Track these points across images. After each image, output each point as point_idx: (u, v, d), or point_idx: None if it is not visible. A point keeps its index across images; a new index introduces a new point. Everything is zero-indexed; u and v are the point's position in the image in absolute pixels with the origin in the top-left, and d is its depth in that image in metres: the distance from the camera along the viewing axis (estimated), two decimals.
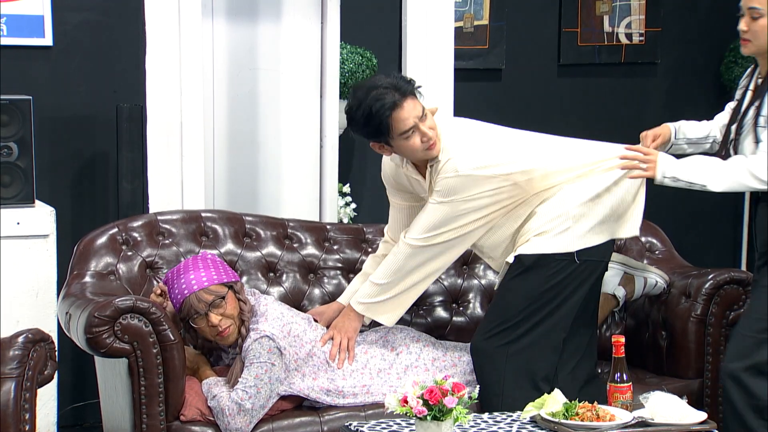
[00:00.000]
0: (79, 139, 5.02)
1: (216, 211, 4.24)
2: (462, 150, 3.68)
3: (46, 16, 4.88)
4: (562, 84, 6.28)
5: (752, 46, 3.56)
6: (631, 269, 4.07)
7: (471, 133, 3.79)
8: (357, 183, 5.65)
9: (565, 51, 6.23)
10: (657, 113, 6.46)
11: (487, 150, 3.72)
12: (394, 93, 3.63)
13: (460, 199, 3.67)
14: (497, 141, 3.79)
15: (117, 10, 4.98)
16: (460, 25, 5.94)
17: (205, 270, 3.64)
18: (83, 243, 3.96)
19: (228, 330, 3.62)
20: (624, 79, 6.33)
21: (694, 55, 6.43)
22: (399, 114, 3.62)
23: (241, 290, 3.69)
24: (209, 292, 3.61)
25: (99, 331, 3.46)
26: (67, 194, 4.99)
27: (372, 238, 4.25)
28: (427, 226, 3.71)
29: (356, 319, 3.80)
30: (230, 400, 3.53)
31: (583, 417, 3.18)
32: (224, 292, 3.63)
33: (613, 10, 6.25)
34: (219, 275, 3.64)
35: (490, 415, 3.38)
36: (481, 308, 4.22)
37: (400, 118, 3.62)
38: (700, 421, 3.24)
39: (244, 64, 5.29)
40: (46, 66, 4.94)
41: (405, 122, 3.63)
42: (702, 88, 6.42)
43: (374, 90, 3.64)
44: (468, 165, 3.65)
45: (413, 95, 3.67)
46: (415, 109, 3.65)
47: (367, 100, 3.63)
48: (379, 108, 3.61)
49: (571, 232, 3.71)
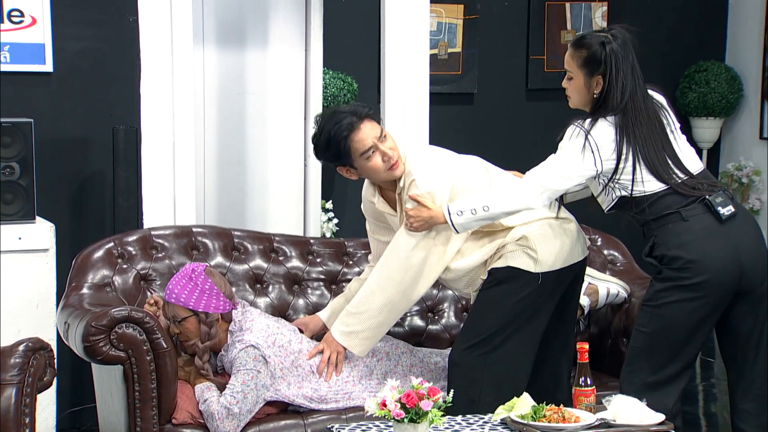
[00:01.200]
0: (77, 159, 5.00)
1: (206, 227, 4.22)
2: (424, 170, 3.63)
3: (47, 44, 4.86)
4: (530, 107, 6.29)
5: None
6: (596, 280, 4.08)
7: (435, 155, 3.75)
8: (339, 199, 5.64)
9: (532, 76, 6.25)
10: None
11: (449, 171, 3.68)
12: (352, 116, 3.60)
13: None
14: (462, 166, 3.76)
15: (113, 39, 4.97)
16: (435, 52, 5.95)
17: (181, 287, 3.63)
18: (81, 257, 3.94)
19: (186, 343, 3.65)
20: None
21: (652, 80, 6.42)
22: (357, 135, 3.59)
23: (211, 322, 3.63)
24: (171, 308, 3.63)
25: (96, 339, 3.44)
26: (66, 211, 4.97)
27: (353, 251, 4.24)
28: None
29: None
30: (219, 405, 3.51)
31: (550, 419, 3.18)
32: (184, 316, 3.62)
33: None
34: (188, 299, 3.62)
35: (464, 417, 3.37)
36: (455, 317, 4.21)
37: (358, 138, 3.60)
38: (659, 422, 3.23)
39: (233, 89, 5.29)
40: (46, 91, 4.92)
41: (363, 143, 3.60)
42: None
43: (334, 116, 3.63)
44: (430, 183, 3.61)
45: (370, 118, 3.63)
46: (373, 130, 3.62)
47: (327, 126, 3.62)
48: (336, 131, 3.59)
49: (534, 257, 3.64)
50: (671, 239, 3.45)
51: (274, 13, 5.20)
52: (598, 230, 4.41)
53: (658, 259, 3.49)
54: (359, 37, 5.74)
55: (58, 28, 4.88)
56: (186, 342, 3.65)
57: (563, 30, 6.25)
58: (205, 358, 3.65)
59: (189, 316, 3.62)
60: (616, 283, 4.08)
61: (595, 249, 4.29)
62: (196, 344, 3.63)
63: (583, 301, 4.06)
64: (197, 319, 3.62)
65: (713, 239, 3.44)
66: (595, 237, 4.35)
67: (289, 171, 5.23)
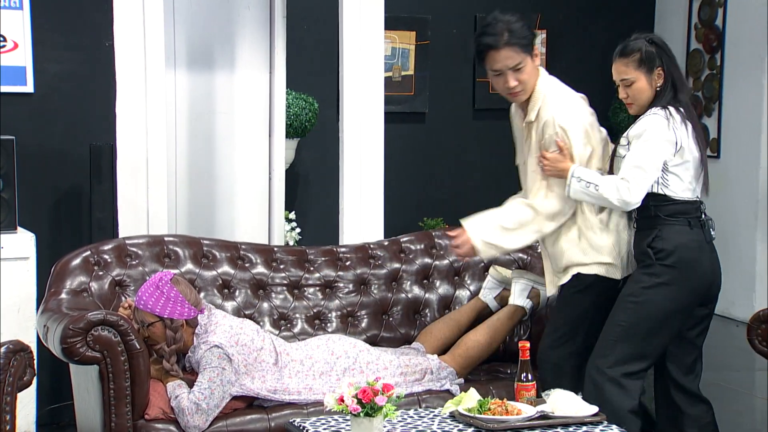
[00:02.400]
0: (56, 174, 4.97)
1: (177, 236, 4.21)
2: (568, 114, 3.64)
3: (28, 67, 4.84)
4: (476, 125, 6.34)
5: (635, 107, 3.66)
6: (538, 285, 4.11)
7: (579, 105, 3.74)
8: (301, 210, 5.65)
9: (479, 97, 6.30)
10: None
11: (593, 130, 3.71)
12: (497, 37, 3.55)
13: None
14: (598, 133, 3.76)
15: (90, 62, 4.95)
16: (389, 75, 5.98)
17: (149, 295, 3.62)
18: (59, 264, 3.92)
19: (154, 346, 3.63)
20: None
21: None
22: (493, 56, 3.57)
23: (176, 328, 3.62)
24: (139, 313, 3.62)
25: (73, 341, 3.42)
26: (46, 222, 4.93)
27: (314, 258, 4.24)
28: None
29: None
30: (189, 401, 3.50)
31: (494, 412, 3.19)
32: (151, 321, 3.61)
33: None
34: (155, 305, 3.61)
35: (416, 411, 3.38)
36: (407, 318, 4.22)
37: (493, 59, 3.58)
38: (593, 413, 3.27)
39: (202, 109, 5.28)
40: (27, 110, 4.89)
41: (494, 64, 3.59)
42: None
43: (493, 21, 3.58)
44: (571, 121, 3.62)
45: (515, 46, 3.56)
46: (509, 59, 3.57)
47: (481, 29, 3.63)
48: (479, 40, 3.59)
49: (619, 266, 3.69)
50: (675, 237, 3.53)
51: (241, 38, 5.20)
52: None
53: (656, 251, 3.54)
54: (320, 61, 5.76)
55: (38, 51, 4.86)
56: (154, 345, 3.64)
57: None
58: (172, 360, 3.64)
59: (156, 322, 3.61)
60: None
61: (536, 256, 4.33)
62: (163, 347, 3.63)
63: (526, 305, 4.10)
64: (163, 324, 3.62)
65: (704, 251, 3.58)
66: (536, 245, 4.38)
67: (255, 184, 5.22)
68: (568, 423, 3.21)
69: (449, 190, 6.32)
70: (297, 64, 5.44)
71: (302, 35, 5.64)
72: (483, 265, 4.31)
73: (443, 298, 4.27)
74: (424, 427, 3.20)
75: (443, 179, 6.32)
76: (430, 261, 4.31)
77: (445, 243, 4.31)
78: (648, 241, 3.56)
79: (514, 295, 4.08)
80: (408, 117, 6.12)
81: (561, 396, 3.29)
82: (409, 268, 4.28)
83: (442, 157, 6.29)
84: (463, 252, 3.75)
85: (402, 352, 3.93)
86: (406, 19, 6.04)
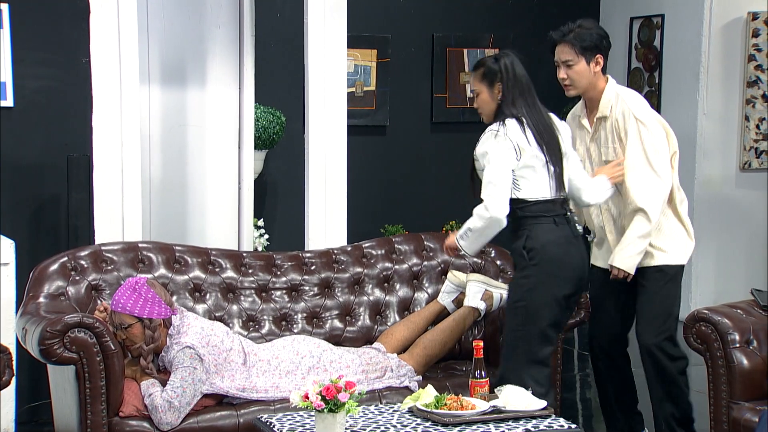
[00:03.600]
0: (35, 184, 4.90)
1: (151, 242, 4.16)
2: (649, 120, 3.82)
3: (8, 82, 4.77)
4: (434, 138, 6.36)
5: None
6: (491, 287, 4.11)
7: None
8: (269, 218, 5.62)
9: (436, 112, 6.32)
10: None
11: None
12: (564, 34, 3.78)
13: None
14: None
15: (68, 78, 4.89)
16: (352, 90, 5.97)
17: (127, 297, 3.57)
18: (38, 269, 3.86)
19: (132, 347, 3.58)
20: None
21: None
22: (556, 47, 3.81)
23: (155, 327, 3.58)
24: (117, 316, 3.56)
25: (51, 343, 3.37)
26: (26, 229, 4.86)
27: (281, 263, 4.21)
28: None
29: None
30: (162, 399, 3.46)
31: (450, 407, 3.19)
32: (130, 323, 3.56)
33: None
34: (134, 307, 3.56)
35: (376, 406, 3.37)
36: (369, 320, 4.21)
37: (556, 51, 3.81)
38: (542, 408, 3.27)
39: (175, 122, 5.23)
40: (8, 123, 4.82)
41: (556, 57, 3.81)
42: None
43: (573, 22, 3.81)
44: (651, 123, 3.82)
45: (568, 44, 3.75)
46: (563, 54, 3.77)
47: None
48: (551, 34, 3.84)
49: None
50: (542, 235, 3.60)
51: (212, 55, 5.16)
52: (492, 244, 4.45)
53: (528, 250, 3.60)
54: (286, 77, 5.74)
55: (18, 68, 4.79)
56: (131, 346, 3.58)
57: (462, 72, 6.33)
58: (149, 359, 3.59)
59: (135, 323, 3.56)
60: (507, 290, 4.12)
61: (490, 260, 4.34)
62: (141, 347, 3.58)
63: (479, 306, 4.09)
64: (142, 324, 3.57)
65: (572, 245, 3.64)
66: (489, 250, 4.38)
67: (225, 193, 5.18)
68: (519, 416, 3.22)
69: (408, 198, 6.32)
70: (265, 80, 5.41)
71: (270, 53, 5.62)
72: (440, 269, 4.31)
73: (403, 300, 4.26)
74: (384, 422, 3.19)
75: (403, 188, 6.32)
76: (391, 265, 4.30)
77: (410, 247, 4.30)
78: (521, 242, 3.64)
79: (469, 297, 4.08)
80: (370, 130, 6.11)
81: (512, 391, 3.29)
82: (370, 272, 4.26)
83: (402, 167, 6.29)
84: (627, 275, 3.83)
85: (363, 352, 3.91)
86: (367, 38, 6.04)
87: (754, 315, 3.61)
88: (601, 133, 3.85)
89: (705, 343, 3.54)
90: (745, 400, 3.46)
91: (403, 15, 6.19)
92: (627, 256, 3.74)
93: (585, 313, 3.95)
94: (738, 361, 3.47)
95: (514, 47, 6.49)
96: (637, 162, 3.74)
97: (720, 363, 3.49)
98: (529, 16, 6.52)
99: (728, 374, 3.47)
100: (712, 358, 3.52)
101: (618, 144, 3.80)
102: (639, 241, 3.73)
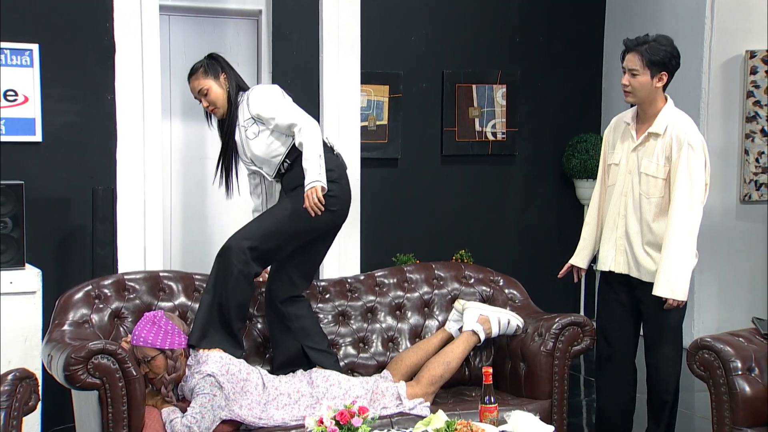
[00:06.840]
0: (61, 215, 4.93)
1: (171, 271, 4.17)
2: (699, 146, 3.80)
3: (37, 118, 4.81)
4: (444, 170, 6.37)
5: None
6: (486, 312, 4.08)
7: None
8: None
9: (446, 145, 6.33)
10: (516, 193, 6.59)
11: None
12: (635, 44, 3.79)
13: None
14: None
15: (93, 114, 4.93)
16: (365, 124, 6.00)
17: (147, 331, 3.58)
18: (63, 298, 3.87)
19: (155, 379, 3.59)
20: (491, 167, 6.45)
21: (543, 149, 6.58)
22: (627, 56, 3.82)
23: (176, 357, 3.59)
24: (140, 350, 3.56)
25: (75, 369, 3.37)
26: (52, 259, 4.88)
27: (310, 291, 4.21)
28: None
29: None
30: (182, 425, 3.45)
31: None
32: (153, 355, 3.57)
33: (482, 114, 6.38)
34: (155, 339, 3.58)
35: (391, 429, 3.35)
36: (381, 346, 4.20)
37: (626, 58, 3.82)
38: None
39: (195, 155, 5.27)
40: (36, 157, 4.86)
41: (624, 63, 3.82)
42: (548, 175, 6.56)
43: (650, 35, 3.83)
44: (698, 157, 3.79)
45: (639, 56, 3.76)
46: (631, 62, 3.79)
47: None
48: (625, 40, 3.86)
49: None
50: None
51: None
52: (500, 272, 4.45)
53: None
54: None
55: (46, 104, 4.84)
56: (155, 378, 3.59)
57: (471, 107, 6.35)
58: (170, 388, 3.59)
59: (157, 354, 3.57)
60: (506, 313, 4.08)
61: (498, 288, 4.33)
62: (164, 376, 3.58)
63: (476, 328, 4.06)
64: (164, 356, 3.58)
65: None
66: (498, 278, 4.38)
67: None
68: None
69: (419, 228, 6.33)
70: None
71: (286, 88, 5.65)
72: (450, 297, 4.30)
73: (414, 328, 4.26)
74: None
75: (414, 218, 6.33)
76: (402, 294, 4.30)
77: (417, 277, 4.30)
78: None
79: (466, 323, 4.07)
80: (382, 162, 6.13)
81: (521, 417, 3.27)
82: (383, 300, 4.27)
83: (413, 199, 6.31)
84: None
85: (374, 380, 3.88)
86: (380, 74, 6.08)
87: (756, 343, 3.59)
88: (648, 147, 3.84)
89: (708, 370, 3.52)
90: (747, 426, 3.44)
91: (415, 52, 6.23)
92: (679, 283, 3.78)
93: (590, 340, 3.94)
94: (740, 388, 3.44)
95: (522, 83, 6.55)
96: (683, 186, 3.76)
97: (723, 390, 3.47)
98: (535, 53, 6.55)
99: (731, 401, 3.45)
100: (715, 385, 3.50)
101: (663, 161, 3.79)
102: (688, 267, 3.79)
